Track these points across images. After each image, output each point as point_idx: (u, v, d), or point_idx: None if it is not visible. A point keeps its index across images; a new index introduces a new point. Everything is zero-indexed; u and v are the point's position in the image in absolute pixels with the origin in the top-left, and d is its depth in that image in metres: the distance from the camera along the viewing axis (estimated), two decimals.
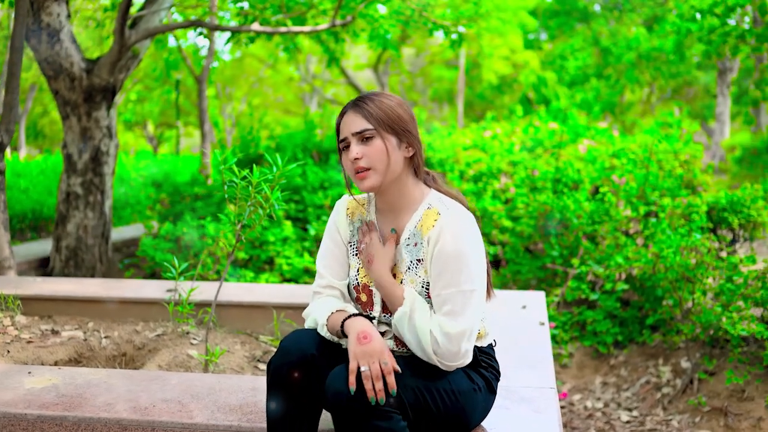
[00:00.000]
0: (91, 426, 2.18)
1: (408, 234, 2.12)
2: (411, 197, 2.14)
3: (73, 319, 3.75)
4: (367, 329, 1.92)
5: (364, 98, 2.10)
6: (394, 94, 2.16)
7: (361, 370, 1.83)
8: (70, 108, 6.12)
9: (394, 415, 1.85)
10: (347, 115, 2.09)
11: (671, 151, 7.35)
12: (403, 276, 2.10)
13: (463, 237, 2.00)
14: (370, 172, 2.06)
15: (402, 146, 2.08)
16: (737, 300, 4.22)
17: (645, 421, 4.21)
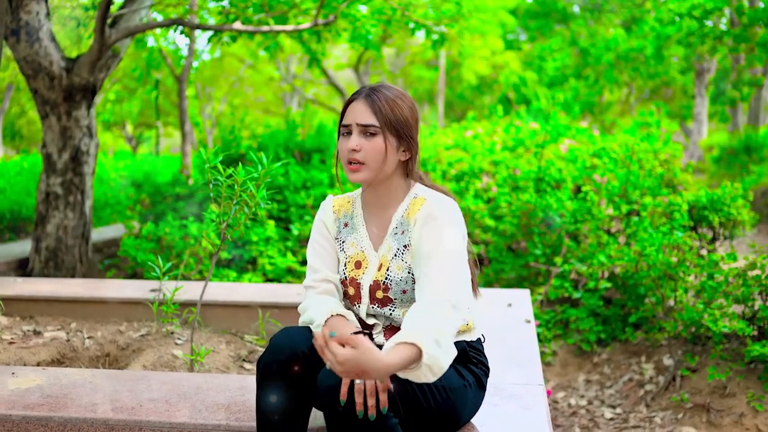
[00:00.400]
0: (77, 426, 2.15)
1: (395, 224, 2.15)
2: (397, 193, 2.17)
3: (56, 320, 3.71)
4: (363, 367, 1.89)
5: (379, 91, 2.11)
6: (408, 95, 2.18)
7: (356, 382, 1.81)
8: (49, 107, 6.05)
9: (387, 412, 1.84)
10: (358, 102, 2.10)
11: (651, 150, 7.41)
12: (390, 263, 2.11)
13: (448, 213, 2.04)
14: (362, 167, 2.08)
15: (400, 149, 2.12)
16: (718, 297, 4.26)
17: (628, 418, 4.24)
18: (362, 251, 2.18)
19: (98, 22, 5.74)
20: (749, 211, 5.91)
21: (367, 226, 2.21)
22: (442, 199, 2.08)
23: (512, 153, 7.94)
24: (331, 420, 1.84)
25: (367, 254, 2.18)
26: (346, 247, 2.22)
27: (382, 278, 2.11)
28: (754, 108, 17.82)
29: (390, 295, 2.11)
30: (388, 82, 20.73)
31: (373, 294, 2.13)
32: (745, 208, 5.83)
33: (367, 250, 2.18)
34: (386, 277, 2.11)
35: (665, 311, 4.77)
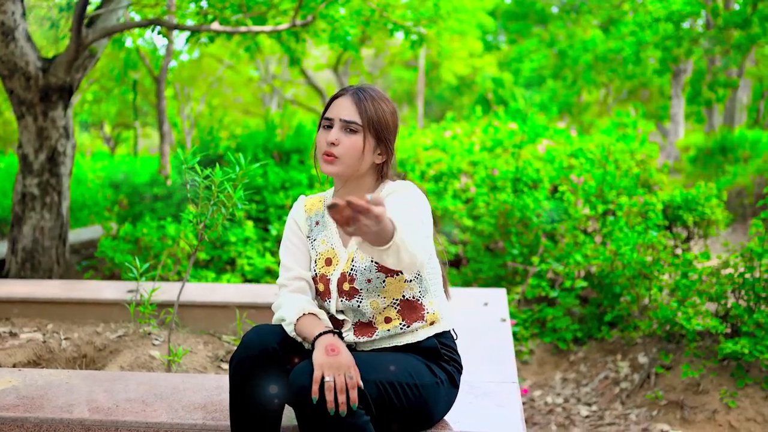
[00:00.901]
0: (53, 427, 2.16)
1: None
2: (368, 190, 2.22)
3: (32, 321, 3.70)
4: (336, 343, 1.93)
5: (366, 91, 2.16)
6: (392, 101, 2.23)
7: (326, 380, 1.84)
8: (25, 108, 6.01)
9: (357, 410, 1.87)
10: (345, 98, 2.15)
11: (628, 150, 7.50)
12: (354, 255, 2.16)
13: (413, 193, 2.08)
14: (336, 161, 2.12)
15: (377, 152, 2.16)
16: (692, 296, 4.32)
17: (604, 415, 4.29)
18: (332, 248, 2.22)
19: (75, 22, 5.71)
20: (723, 210, 5.99)
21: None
22: (408, 184, 2.13)
23: (491, 153, 7.99)
24: (303, 418, 1.86)
25: (337, 251, 2.21)
26: (316, 245, 2.26)
27: (348, 269, 2.15)
28: (729, 109, 18.04)
29: (356, 286, 2.14)
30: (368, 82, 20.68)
31: (340, 287, 2.16)
32: (719, 207, 5.92)
33: (337, 247, 2.22)
34: (351, 268, 2.14)
35: (640, 310, 4.83)
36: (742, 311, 4.16)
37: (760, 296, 4.13)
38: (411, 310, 2.14)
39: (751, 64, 18.61)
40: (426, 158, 7.63)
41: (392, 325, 2.14)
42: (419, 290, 2.16)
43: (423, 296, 2.16)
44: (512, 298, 5.42)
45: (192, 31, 6.52)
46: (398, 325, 2.14)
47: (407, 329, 2.15)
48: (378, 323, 2.15)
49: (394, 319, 2.15)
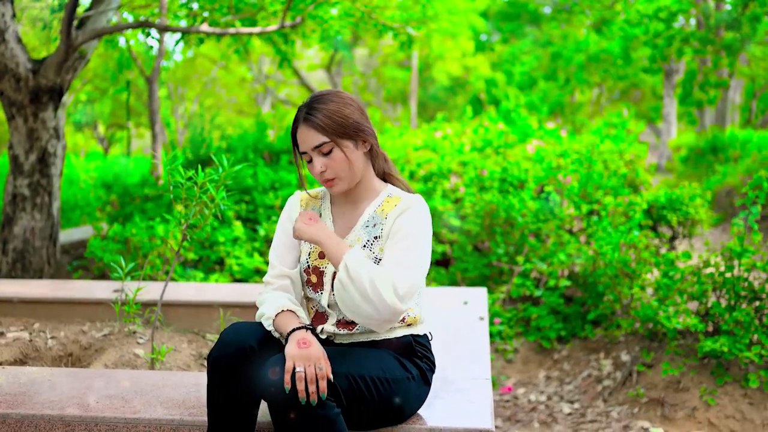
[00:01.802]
0: (34, 423, 2.21)
1: (367, 217, 2.25)
2: (372, 187, 2.29)
3: (19, 320, 3.74)
4: (308, 337, 2.01)
5: (312, 108, 2.19)
6: (340, 92, 2.26)
7: (297, 371, 1.90)
8: (15, 109, 6.05)
9: (328, 402, 1.92)
10: (301, 128, 2.20)
11: (617, 150, 7.56)
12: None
13: (421, 217, 2.17)
14: (336, 180, 2.20)
15: (359, 145, 2.22)
16: (673, 294, 4.38)
17: (586, 413, 4.35)
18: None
19: (65, 23, 5.75)
20: (707, 210, 6.06)
21: (334, 219, 2.32)
22: (416, 199, 2.21)
23: (480, 153, 8.05)
24: (275, 411, 1.91)
25: None
26: None
27: None
28: (720, 109, 18.12)
29: None
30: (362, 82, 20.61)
31: (334, 281, 2.21)
32: (703, 207, 5.99)
33: None
34: None
35: (623, 309, 4.89)
36: (722, 310, 4.22)
37: (739, 295, 4.20)
38: None
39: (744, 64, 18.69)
40: (416, 158, 7.69)
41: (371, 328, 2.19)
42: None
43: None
44: (497, 297, 5.48)
45: (182, 32, 6.56)
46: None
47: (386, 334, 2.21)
48: None
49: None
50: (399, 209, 2.19)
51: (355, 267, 2.03)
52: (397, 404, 2.11)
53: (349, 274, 2.03)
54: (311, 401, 1.89)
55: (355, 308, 2.05)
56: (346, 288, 2.04)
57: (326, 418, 1.91)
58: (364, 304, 2.03)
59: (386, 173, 2.34)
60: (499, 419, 4.31)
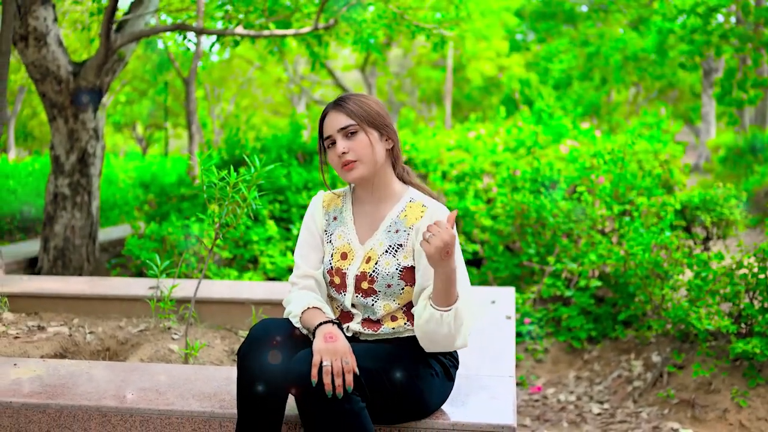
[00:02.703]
0: (72, 413, 2.30)
1: (389, 222, 2.28)
2: (392, 189, 2.32)
3: (59, 316, 3.86)
4: (334, 331, 2.06)
5: (343, 98, 2.29)
6: (370, 95, 2.34)
7: (324, 365, 1.96)
8: (57, 110, 6.21)
9: (353, 397, 1.98)
10: (330, 115, 2.27)
11: (651, 151, 7.50)
12: (379, 258, 2.24)
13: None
14: (357, 164, 2.24)
15: (383, 139, 2.28)
16: (705, 296, 4.36)
17: (615, 413, 4.35)
18: (348, 243, 2.32)
19: (104, 27, 5.89)
20: (742, 211, 6.00)
21: (356, 221, 2.35)
22: (441, 209, 2.24)
23: (513, 154, 8.05)
24: (302, 404, 1.97)
25: (353, 246, 2.31)
26: (333, 239, 2.36)
27: (370, 270, 2.25)
28: (760, 108, 17.84)
29: (375, 287, 2.24)
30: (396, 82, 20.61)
31: (358, 284, 2.26)
32: (738, 208, 5.93)
33: (353, 243, 2.32)
34: (374, 270, 2.24)
35: (654, 309, 4.87)
36: (755, 311, 4.19)
37: None
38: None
39: None
40: (449, 159, 7.71)
41: (397, 324, 2.26)
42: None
43: None
44: (528, 297, 5.49)
45: (217, 35, 6.68)
46: (403, 324, 2.26)
47: (409, 328, 2.26)
48: (385, 321, 2.27)
49: (400, 319, 2.27)
50: (425, 221, 2.22)
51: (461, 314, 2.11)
52: (420, 400, 2.15)
53: (457, 321, 2.11)
54: (337, 394, 1.95)
55: (432, 339, 2.14)
56: (441, 324, 2.11)
57: (352, 412, 1.96)
58: (443, 341, 2.13)
59: (406, 180, 2.38)
60: (528, 418, 4.33)
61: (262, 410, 2.10)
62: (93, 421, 2.29)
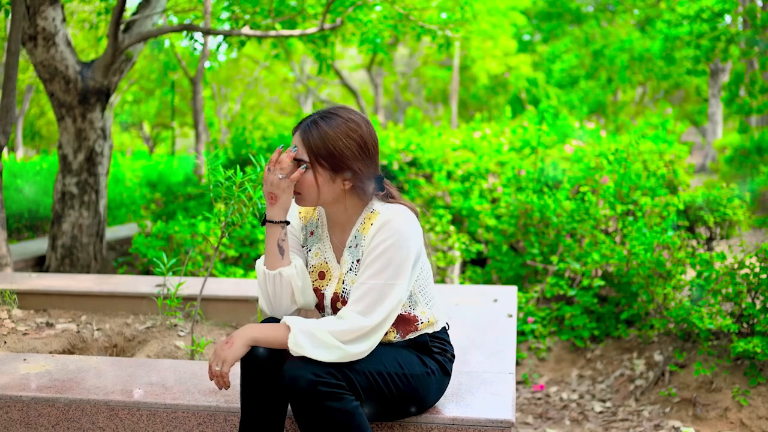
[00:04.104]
0: (81, 407, 2.35)
1: (351, 237, 2.24)
2: (354, 212, 2.24)
3: (67, 313, 3.92)
4: (235, 335, 2.11)
5: (317, 124, 2.15)
6: (354, 118, 2.17)
7: (210, 365, 2.12)
8: (65, 110, 6.27)
9: (346, 396, 2.00)
10: (296, 134, 2.19)
11: (656, 151, 7.53)
12: (344, 277, 2.22)
13: (396, 231, 2.10)
14: (300, 197, 2.21)
15: (338, 179, 2.15)
16: (707, 295, 4.39)
17: (617, 411, 4.38)
18: (326, 262, 2.29)
19: (112, 27, 5.95)
20: (746, 211, 6.02)
21: (331, 237, 2.31)
22: (392, 211, 2.13)
23: (519, 153, 8.09)
24: (297, 405, 2.00)
25: (330, 265, 2.28)
26: (310, 257, 2.33)
27: (340, 291, 2.24)
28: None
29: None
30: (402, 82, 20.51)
31: (333, 305, 2.26)
32: (741, 208, 5.95)
33: (331, 261, 2.29)
34: (342, 290, 2.23)
35: (657, 309, 4.90)
36: (756, 311, 4.22)
37: None
38: (405, 323, 2.24)
39: None
40: (454, 158, 7.75)
41: (388, 338, 2.25)
42: (410, 304, 2.24)
43: (414, 308, 2.24)
44: (531, 296, 5.52)
45: (224, 35, 6.73)
46: (393, 337, 2.25)
47: (401, 340, 2.26)
48: None
49: (390, 332, 2.24)
50: (375, 227, 2.13)
51: (297, 344, 2.04)
52: (417, 398, 2.18)
53: (298, 351, 2.04)
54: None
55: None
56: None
57: (345, 411, 1.98)
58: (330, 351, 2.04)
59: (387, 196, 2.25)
60: (531, 416, 4.37)
61: (265, 408, 2.14)
62: (101, 415, 2.34)
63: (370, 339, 2.07)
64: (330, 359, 2.01)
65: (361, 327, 2.06)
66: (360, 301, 2.09)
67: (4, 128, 5.18)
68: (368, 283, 2.10)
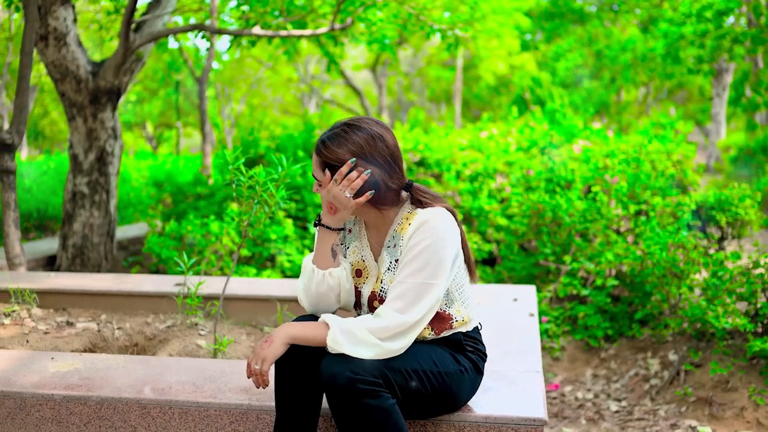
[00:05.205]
0: (113, 405, 2.35)
1: (389, 237, 2.27)
2: (387, 216, 2.28)
3: (86, 312, 3.93)
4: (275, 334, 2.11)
5: (324, 142, 2.19)
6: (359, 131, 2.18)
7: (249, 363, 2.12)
8: (76, 110, 6.27)
9: (383, 394, 2.02)
10: (313, 156, 2.24)
11: (664, 151, 7.54)
12: (383, 276, 2.25)
13: (434, 231, 2.13)
14: (336, 209, 2.23)
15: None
16: (722, 295, 4.39)
17: (633, 410, 4.39)
18: (362, 260, 2.32)
19: (123, 27, 5.95)
20: (757, 211, 6.03)
21: (369, 236, 2.34)
22: (429, 211, 2.17)
23: (526, 153, 8.09)
24: (334, 402, 2.02)
25: (368, 264, 2.31)
26: (348, 254, 2.36)
27: (378, 290, 2.26)
28: None
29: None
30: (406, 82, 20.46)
31: (370, 304, 2.28)
32: (752, 208, 5.96)
33: (368, 260, 2.32)
34: (380, 289, 2.26)
35: (671, 308, 4.91)
36: None
37: None
38: (440, 321, 2.26)
39: None
40: (462, 158, 7.75)
41: (423, 335, 2.26)
42: (446, 302, 2.26)
43: (450, 306, 2.27)
44: (544, 296, 5.53)
45: (234, 35, 6.74)
46: (428, 335, 2.26)
47: (436, 337, 2.27)
48: None
49: (425, 330, 2.25)
50: (413, 227, 2.16)
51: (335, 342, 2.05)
52: (451, 395, 2.20)
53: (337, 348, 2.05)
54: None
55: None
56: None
57: (382, 409, 2.00)
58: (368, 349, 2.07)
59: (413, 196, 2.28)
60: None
61: (299, 404, 2.16)
62: (133, 413, 2.35)
63: (407, 336, 2.09)
64: (368, 356, 2.03)
65: (399, 324, 2.07)
66: (398, 299, 2.10)
67: (18, 128, 5.19)
68: (406, 282, 2.11)
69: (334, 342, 2.05)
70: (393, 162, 2.19)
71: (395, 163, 2.20)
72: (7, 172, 5.24)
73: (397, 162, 2.20)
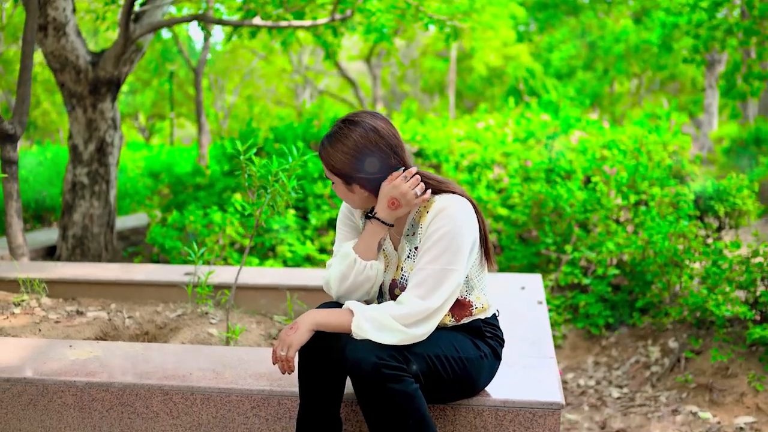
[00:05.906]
0: (135, 391, 2.38)
1: (408, 226, 2.31)
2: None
3: (96, 301, 3.95)
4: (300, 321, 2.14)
5: (323, 144, 2.25)
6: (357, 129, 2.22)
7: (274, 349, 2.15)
8: (75, 100, 6.27)
9: (407, 378, 2.06)
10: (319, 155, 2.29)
11: (660, 142, 7.60)
12: (403, 264, 2.29)
13: (452, 218, 2.17)
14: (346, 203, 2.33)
15: (355, 188, 2.25)
16: (722, 283, 4.45)
17: (635, 397, 4.45)
18: (383, 249, 2.35)
19: (123, 17, 5.94)
20: (754, 201, 6.09)
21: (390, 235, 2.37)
22: (448, 199, 2.21)
23: (524, 144, 8.13)
24: (359, 386, 2.06)
25: (388, 252, 2.35)
26: None
27: (398, 277, 2.31)
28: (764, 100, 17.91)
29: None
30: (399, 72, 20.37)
31: (392, 291, 2.33)
32: (750, 198, 6.02)
33: (388, 248, 2.35)
34: (401, 277, 2.30)
35: (671, 297, 4.97)
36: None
37: None
38: (460, 308, 2.30)
39: None
40: (459, 149, 7.79)
41: (443, 321, 2.30)
42: (466, 289, 2.30)
43: (470, 293, 2.31)
44: (546, 285, 5.58)
45: (234, 26, 6.74)
46: (448, 321, 2.31)
47: (456, 324, 2.32)
48: None
49: (445, 316, 2.29)
50: (431, 214, 2.20)
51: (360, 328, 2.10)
52: (471, 380, 2.24)
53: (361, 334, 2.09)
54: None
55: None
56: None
57: (406, 393, 2.04)
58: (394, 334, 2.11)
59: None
60: None
61: (323, 389, 2.19)
62: (155, 399, 2.38)
63: (429, 322, 2.13)
64: (392, 342, 2.07)
65: (422, 311, 2.11)
66: (419, 286, 2.14)
67: (21, 118, 5.19)
68: (427, 268, 2.15)
69: (358, 328, 2.08)
70: (392, 150, 2.22)
71: (394, 151, 2.23)
72: (10, 163, 5.24)
73: (396, 150, 2.24)
